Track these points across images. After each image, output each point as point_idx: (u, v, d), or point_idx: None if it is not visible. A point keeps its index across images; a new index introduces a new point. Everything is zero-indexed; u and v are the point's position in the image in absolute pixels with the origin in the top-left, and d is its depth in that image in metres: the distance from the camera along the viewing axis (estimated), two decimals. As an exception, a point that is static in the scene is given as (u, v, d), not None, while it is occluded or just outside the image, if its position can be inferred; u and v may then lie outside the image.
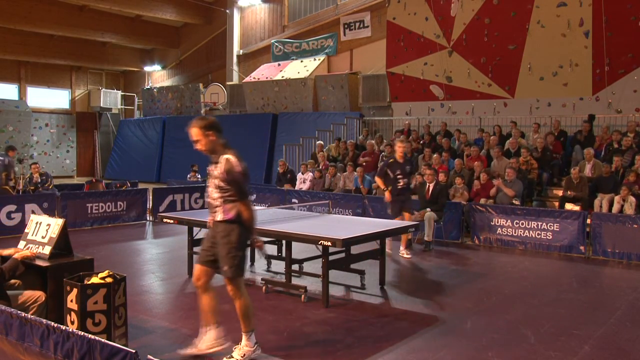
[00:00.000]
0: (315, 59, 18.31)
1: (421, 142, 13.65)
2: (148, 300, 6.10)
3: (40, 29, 20.03)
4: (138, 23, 22.15)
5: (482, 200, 10.29)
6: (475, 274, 7.64)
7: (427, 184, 9.76)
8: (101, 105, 23.66)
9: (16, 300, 4.36)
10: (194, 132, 4.21)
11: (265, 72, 18.96)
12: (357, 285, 6.72)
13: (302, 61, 18.51)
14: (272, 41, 19.68)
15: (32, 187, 12.22)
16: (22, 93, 22.36)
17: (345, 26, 17.81)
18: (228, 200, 4.21)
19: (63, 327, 2.85)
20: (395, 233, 7.27)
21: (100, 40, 22.27)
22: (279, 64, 18.99)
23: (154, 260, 8.33)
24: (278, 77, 18.24)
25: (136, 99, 24.86)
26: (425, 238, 9.25)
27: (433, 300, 6.28)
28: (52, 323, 2.90)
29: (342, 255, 6.62)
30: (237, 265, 4.21)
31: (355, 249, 6.77)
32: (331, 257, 6.08)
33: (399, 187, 8.35)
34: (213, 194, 4.26)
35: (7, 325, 3.11)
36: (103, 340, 2.67)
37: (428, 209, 9.45)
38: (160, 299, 6.28)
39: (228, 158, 4.14)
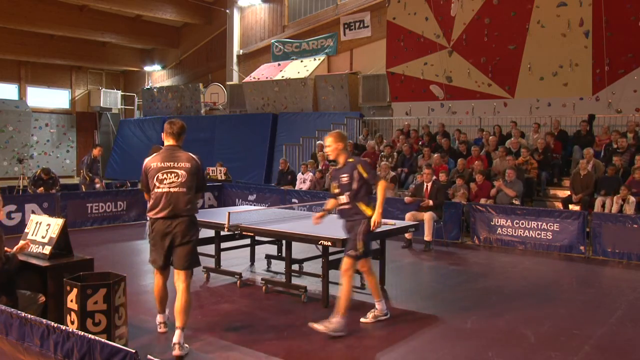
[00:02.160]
0: (315, 59, 18.29)
1: (420, 142, 13.64)
2: (148, 300, 6.07)
3: (40, 29, 19.99)
4: (138, 23, 22.13)
5: (482, 200, 10.29)
6: (475, 274, 7.64)
7: (425, 184, 9.76)
8: (101, 105, 23.64)
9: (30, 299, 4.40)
10: None
11: (265, 72, 18.95)
12: (357, 285, 6.71)
13: (302, 61, 18.50)
14: (272, 41, 19.66)
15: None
16: (22, 93, 22.35)
17: (345, 26, 17.80)
18: None
19: (63, 327, 2.85)
20: (395, 233, 7.26)
21: (100, 40, 22.24)
22: (279, 64, 18.98)
23: (154, 260, 8.30)
24: (278, 77, 18.22)
25: (136, 99, 24.84)
26: (425, 238, 9.25)
27: (433, 300, 6.29)
28: (52, 323, 2.90)
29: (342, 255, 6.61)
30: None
31: (355, 249, 6.75)
32: (331, 257, 6.08)
33: (340, 207, 5.42)
34: None
35: (7, 325, 3.11)
36: (103, 340, 2.67)
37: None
38: (160, 299, 6.26)
39: None
